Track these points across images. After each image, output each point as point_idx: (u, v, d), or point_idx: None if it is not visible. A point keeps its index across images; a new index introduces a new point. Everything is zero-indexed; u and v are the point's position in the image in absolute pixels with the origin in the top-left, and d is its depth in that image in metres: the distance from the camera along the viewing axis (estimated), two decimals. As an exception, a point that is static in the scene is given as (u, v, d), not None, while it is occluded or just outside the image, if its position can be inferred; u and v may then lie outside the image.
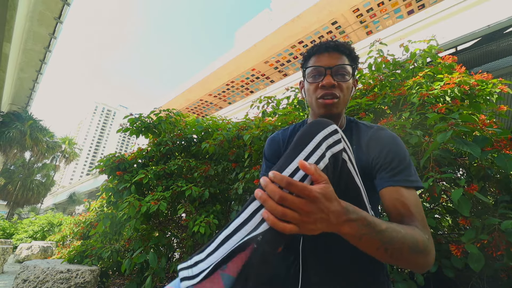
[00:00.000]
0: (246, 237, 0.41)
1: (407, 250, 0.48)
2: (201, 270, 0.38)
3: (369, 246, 0.46)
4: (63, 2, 7.20)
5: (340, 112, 0.74)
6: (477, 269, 1.01)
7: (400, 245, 0.47)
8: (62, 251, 5.12)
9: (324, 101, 0.71)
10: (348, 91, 0.73)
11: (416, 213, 0.57)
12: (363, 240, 0.45)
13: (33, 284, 2.17)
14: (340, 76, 0.71)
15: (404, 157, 0.65)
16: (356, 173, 0.58)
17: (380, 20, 15.08)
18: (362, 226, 0.45)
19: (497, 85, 1.70)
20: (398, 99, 1.85)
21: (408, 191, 0.60)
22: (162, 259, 2.14)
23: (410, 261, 0.49)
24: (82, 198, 26.55)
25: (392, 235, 0.47)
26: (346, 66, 0.72)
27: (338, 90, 0.71)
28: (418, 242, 0.50)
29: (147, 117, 2.83)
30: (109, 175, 2.60)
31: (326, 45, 0.73)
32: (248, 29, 74.59)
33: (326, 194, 0.42)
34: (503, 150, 1.17)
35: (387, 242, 0.46)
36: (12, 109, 14.62)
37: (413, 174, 0.63)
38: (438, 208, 1.70)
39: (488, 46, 5.15)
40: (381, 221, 0.48)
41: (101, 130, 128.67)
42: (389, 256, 0.47)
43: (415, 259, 0.49)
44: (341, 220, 0.43)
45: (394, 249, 0.47)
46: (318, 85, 0.72)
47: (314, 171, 0.43)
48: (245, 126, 2.41)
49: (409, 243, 0.48)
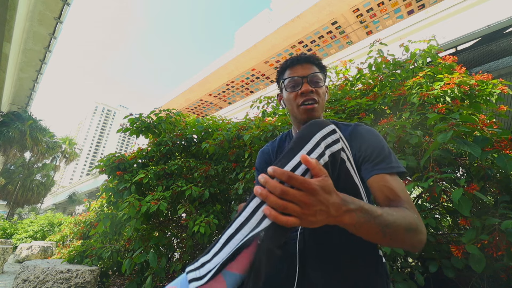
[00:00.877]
0: (249, 234, 0.42)
1: (402, 230, 0.50)
2: (208, 271, 0.39)
3: (368, 232, 0.48)
4: (63, 2, 7.20)
5: (320, 116, 0.80)
6: (479, 270, 1.01)
7: (396, 227, 0.49)
8: (62, 251, 5.12)
9: (306, 107, 0.77)
10: (323, 96, 0.81)
11: (402, 196, 0.60)
12: (363, 227, 0.47)
13: (33, 284, 2.17)
14: (315, 83, 0.79)
15: (383, 147, 0.69)
16: (355, 172, 0.60)
17: (380, 20, 15.08)
18: (360, 215, 0.46)
19: (497, 85, 1.70)
20: (398, 99, 1.85)
21: (391, 177, 0.64)
22: (162, 259, 2.14)
23: (406, 241, 0.51)
24: (82, 198, 26.55)
25: (388, 218, 0.49)
26: (318, 73, 0.80)
27: (316, 95, 0.78)
28: (410, 221, 0.52)
29: (147, 117, 2.83)
30: (109, 175, 2.60)
31: (297, 58, 0.82)
32: (248, 29, 74.56)
33: (325, 186, 0.43)
34: (503, 151, 1.17)
35: (385, 226, 0.48)
36: (12, 109, 14.63)
37: (393, 161, 0.67)
38: (438, 208, 1.70)
39: (488, 46, 5.14)
40: (376, 207, 0.50)
41: (101, 130, 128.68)
42: (388, 239, 0.49)
43: (411, 238, 0.52)
44: (340, 211, 0.44)
45: (391, 231, 0.49)
46: (297, 93, 0.79)
47: (315, 164, 0.45)
48: (245, 126, 2.41)
49: (404, 224, 0.51)
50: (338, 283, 0.58)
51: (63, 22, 7.88)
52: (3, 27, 6.66)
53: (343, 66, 2.66)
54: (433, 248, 1.35)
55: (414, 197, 1.84)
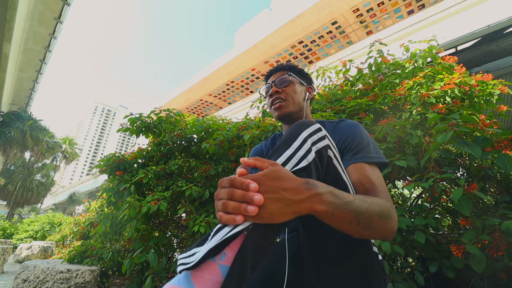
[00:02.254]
0: (237, 227, 0.42)
1: (376, 217, 0.50)
2: (198, 258, 0.40)
3: (343, 221, 0.46)
4: (63, 2, 7.20)
5: (293, 111, 0.87)
6: (480, 271, 1.01)
7: (369, 214, 0.49)
8: (62, 251, 5.12)
9: (274, 106, 0.88)
10: (295, 94, 0.88)
11: (378, 185, 0.62)
12: (336, 215, 0.45)
13: (33, 284, 2.17)
14: (281, 83, 0.89)
15: (362, 138, 0.72)
16: (342, 169, 0.61)
17: (380, 20, 15.08)
18: (332, 199, 0.45)
19: (497, 85, 1.70)
20: (398, 99, 1.85)
21: (370, 166, 0.66)
22: (162, 258, 2.14)
23: (380, 229, 0.51)
24: (82, 198, 26.55)
25: (361, 204, 0.49)
26: (285, 75, 0.89)
27: (283, 94, 0.87)
28: (383, 208, 0.53)
29: (147, 117, 2.83)
30: (109, 175, 2.60)
31: (270, 71, 0.96)
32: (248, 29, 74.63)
33: (268, 174, 0.43)
34: (503, 151, 1.17)
35: (359, 212, 0.47)
36: (12, 109, 14.63)
37: (372, 152, 0.70)
38: (438, 208, 1.71)
39: (488, 46, 5.14)
40: (346, 193, 0.49)
41: (101, 130, 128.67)
42: (362, 228, 0.48)
43: (383, 226, 0.51)
44: (303, 196, 0.43)
45: (365, 218, 0.48)
46: (269, 96, 0.91)
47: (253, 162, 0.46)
48: (245, 126, 2.41)
49: (377, 210, 0.51)
50: (334, 282, 0.58)
51: (63, 22, 7.88)
52: (3, 27, 6.66)
53: (343, 66, 2.66)
54: (433, 248, 1.35)
55: (414, 197, 1.85)
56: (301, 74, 0.95)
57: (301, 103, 0.89)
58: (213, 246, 0.40)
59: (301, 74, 0.95)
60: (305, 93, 0.92)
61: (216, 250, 0.41)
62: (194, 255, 0.41)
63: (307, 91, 0.94)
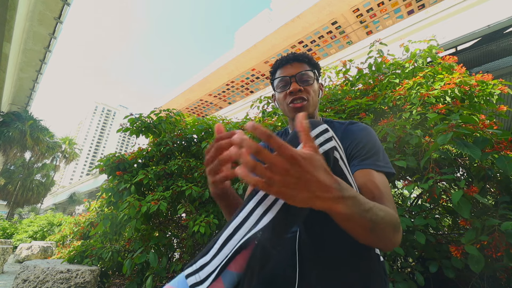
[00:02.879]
0: (246, 234, 0.41)
1: (390, 229, 0.48)
2: (208, 274, 0.39)
3: (358, 226, 0.44)
4: (63, 2, 7.20)
5: (311, 113, 0.81)
6: (477, 271, 1.01)
7: (384, 224, 0.47)
8: (62, 251, 5.12)
9: (294, 105, 0.79)
10: (315, 94, 0.81)
11: (385, 193, 0.61)
12: (353, 220, 0.42)
13: (33, 284, 2.17)
14: (304, 81, 0.80)
15: (373, 145, 0.69)
16: (348, 171, 0.59)
17: (380, 20, 15.08)
18: (354, 205, 0.42)
19: (497, 85, 1.70)
20: (398, 99, 1.85)
21: (378, 174, 0.64)
22: (162, 258, 2.14)
23: (389, 240, 0.49)
24: (82, 198, 26.55)
25: (378, 213, 0.46)
26: (308, 71, 0.80)
27: (305, 94, 0.79)
28: (396, 221, 0.52)
29: (147, 117, 2.83)
30: (109, 175, 2.60)
31: (286, 58, 0.83)
32: (248, 29, 74.56)
33: (309, 158, 0.37)
34: (503, 152, 1.17)
35: (375, 222, 0.45)
36: (12, 109, 14.63)
37: (381, 160, 0.67)
38: (438, 208, 1.71)
39: (488, 46, 5.14)
40: (366, 200, 0.46)
41: (101, 130, 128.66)
42: (373, 236, 0.46)
43: (394, 237, 0.50)
44: (331, 195, 0.39)
45: (380, 228, 0.46)
46: (287, 92, 0.80)
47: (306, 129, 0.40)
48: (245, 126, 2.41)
49: (391, 221, 0.49)
50: (334, 282, 0.57)
51: (63, 22, 7.88)
52: (3, 27, 6.66)
53: (343, 66, 2.66)
54: (433, 248, 1.35)
55: (414, 198, 1.85)
56: (318, 68, 0.86)
57: (317, 103, 0.83)
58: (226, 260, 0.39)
59: (318, 68, 0.86)
60: (319, 91, 0.86)
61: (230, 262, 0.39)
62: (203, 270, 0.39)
63: (320, 88, 0.87)
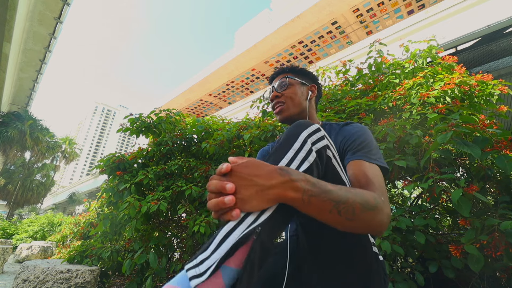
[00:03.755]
0: (246, 229, 0.42)
1: (359, 207, 0.48)
2: (207, 267, 0.39)
3: (322, 210, 0.45)
4: (63, 2, 7.20)
5: (294, 113, 0.87)
6: (477, 270, 1.02)
7: (351, 203, 0.47)
8: (62, 251, 5.12)
9: (275, 110, 0.90)
10: (295, 96, 0.88)
11: (375, 182, 0.61)
12: (312, 203, 0.45)
13: (33, 284, 2.17)
14: (281, 87, 0.89)
15: (365, 139, 0.72)
16: (341, 169, 0.62)
17: (380, 20, 15.08)
18: (306, 186, 0.45)
19: (497, 86, 1.70)
20: (398, 99, 1.85)
21: (369, 164, 0.66)
22: (162, 258, 2.14)
23: (365, 220, 0.49)
24: (82, 198, 26.55)
25: (341, 193, 0.47)
26: (284, 79, 0.90)
27: (283, 98, 0.88)
28: (368, 199, 0.51)
29: (147, 117, 2.83)
30: (109, 175, 2.60)
31: (273, 74, 0.97)
32: (248, 29, 74.56)
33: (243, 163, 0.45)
34: (503, 151, 1.17)
35: (339, 201, 0.46)
36: (12, 109, 14.63)
37: (374, 153, 0.69)
38: (438, 208, 1.71)
39: (488, 46, 5.14)
40: (326, 182, 0.49)
41: (101, 130, 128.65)
42: (344, 219, 0.47)
43: (369, 217, 0.49)
44: (275, 181, 0.44)
45: (346, 208, 0.46)
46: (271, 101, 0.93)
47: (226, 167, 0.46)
48: (245, 126, 2.41)
49: (360, 200, 0.49)
50: (333, 282, 0.58)
51: (63, 22, 7.88)
52: (3, 27, 6.66)
53: (343, 66, 2.66)
54: (433, 248, 1.36)
55: (414, 197, 1.85)
56: (302, 73, 0.94)
57: (303, 104, 0.89)
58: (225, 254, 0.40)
59: (302, 73, 0.94)
60: (307, 93, 0.91)
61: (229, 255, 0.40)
62: (203, 264, 0.40)
63: (309, 90, 0.92)
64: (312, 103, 0.93)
